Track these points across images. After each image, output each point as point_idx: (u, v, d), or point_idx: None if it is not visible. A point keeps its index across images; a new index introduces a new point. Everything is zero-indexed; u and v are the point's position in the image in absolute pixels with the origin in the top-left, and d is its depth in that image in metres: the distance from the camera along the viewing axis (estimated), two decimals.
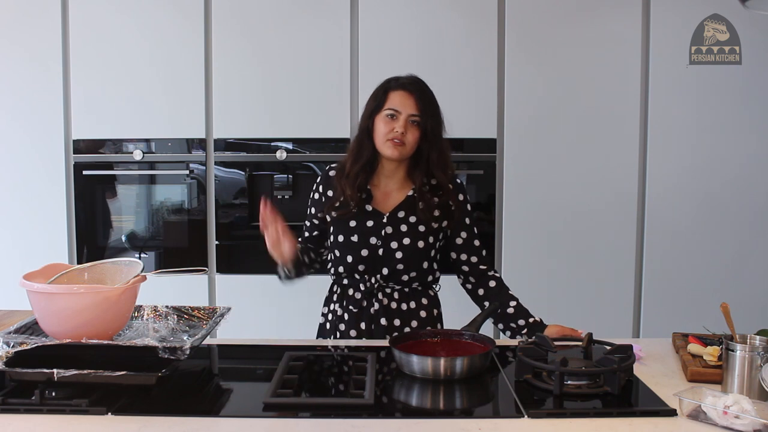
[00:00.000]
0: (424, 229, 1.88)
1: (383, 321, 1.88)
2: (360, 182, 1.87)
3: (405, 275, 1.88)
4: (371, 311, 1.89)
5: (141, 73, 2.93)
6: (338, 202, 1.89)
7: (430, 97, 1.86)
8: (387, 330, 1.88)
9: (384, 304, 1.89)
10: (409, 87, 1.84)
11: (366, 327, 1.89)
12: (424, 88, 1.87)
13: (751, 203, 2.96)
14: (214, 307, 1.78)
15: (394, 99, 1.84)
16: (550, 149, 2.95)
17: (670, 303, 2.97)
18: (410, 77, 1.89)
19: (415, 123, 1.83)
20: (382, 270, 1.88)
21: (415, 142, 1.84)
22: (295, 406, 1.37)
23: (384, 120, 1.83)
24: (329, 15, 2.92)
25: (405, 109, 1.82)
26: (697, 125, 2.94)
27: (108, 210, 3.04)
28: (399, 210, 1.89)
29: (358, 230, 1.87)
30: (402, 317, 1.90)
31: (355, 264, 1.88)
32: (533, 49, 2.93)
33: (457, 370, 1.50)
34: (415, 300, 1.91)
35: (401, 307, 1.90)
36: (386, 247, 1.86)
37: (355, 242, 1.87)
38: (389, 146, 1.83)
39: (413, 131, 1.83)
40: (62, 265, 1.65)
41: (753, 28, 2.89)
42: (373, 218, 1.88)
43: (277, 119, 2.95)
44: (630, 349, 1.50)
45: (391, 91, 1.85)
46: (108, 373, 1.36)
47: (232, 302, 1.92)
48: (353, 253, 1.87)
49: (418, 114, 1.83)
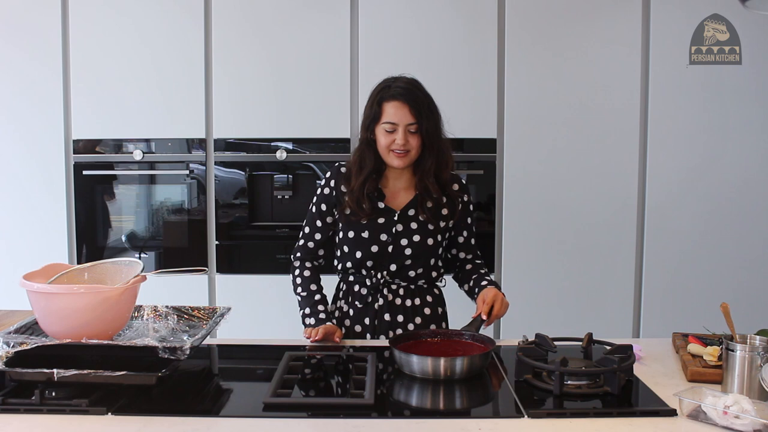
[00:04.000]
0: (432, 227, 1.90)
1: (387, 317, 1.90)
2: (368, 190, 1.88)
3: (412, 271, 1.90)
4: (376, 307, 1.91)
5: (141, 73, 2.93)
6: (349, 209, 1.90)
7: (423, 101, 1.85)
8: (390, 326, 1.90)
9: (389, 300, 1.91)
10: (401, 97, 1.83)
11: (370, 322, 1.91)
12: (416, 93, 1.85)
13: (751, 203, 2.96)
14: (214, 307, 1.79)
15: (389, 111, 1.83)
16: (550, 149, 2.95)
17: (670, 303, 2.97)
18: (402, 83, 1.86)
19: (415, 131, 1.84)
20: (390, 266, 1.89)
21: (418, 147, 1.86)
22: (295, 406, 1.37)
23: (383, 133, 1.85)
24: (329, 15, 2.92)
25: (402, 120, 1.82)
26: (697, 125, 2.94)
27: (108, 210, 3.04)
28: (410, 208, 1.91)
29: (370, 227, 1.89)
30: (406, 314, 1.91)
31: (364, 260, 1.89)
32: (533, 49, 2.93)
33: (457, 370, 1.50)
34: (420, 297, 1.93)
35: (405, 303, 1.92)
36: (396, 243, 1.88)
37: (365, 238, 1.88)
38: (393, 157, 1.85)
39: (414, 139, 1.84)
40: (62, 265, 1.65)
41: (753, 28, 2.89)
42: (385, 215, 1.89)
43: (277, 119, 2.95)
44: (630, 349, 1.50)
45: (385, 103, 1.84)
46: (108, 373, 1.36)
47: (232, 302, 1.92)
48: (363, 249, 1.88)
49: (415, 122, 1.83)
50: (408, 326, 1.90)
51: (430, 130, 1.84)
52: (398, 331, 1.89)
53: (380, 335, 1.90)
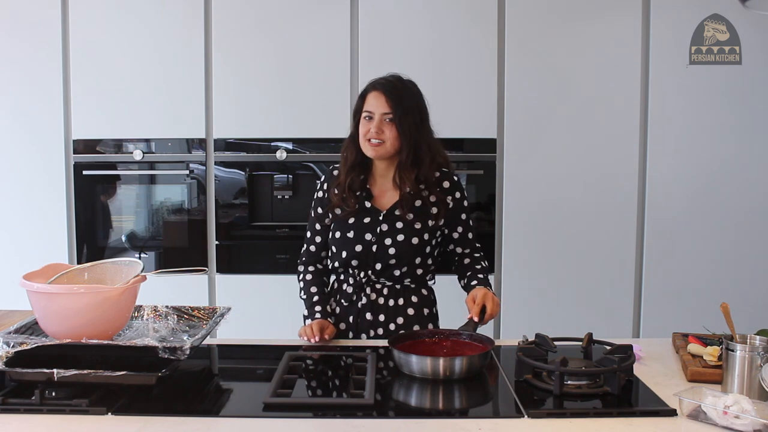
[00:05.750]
0: (419, 226, 1.90)
1: (369, 316, 1.91)
2: (351, 183, 1.90)
3: (397, 270, 1.90)
4: (359, 305, 1.92)
5: (141, 73, 2.93)
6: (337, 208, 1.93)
7: (401, 94, 1.87)
8: (372, 325, 1.91)
9: (371, 299, 1.91)
10: (380, 87, 1.87)
11: (353, 321, 1.92)
12: (398, 85, 1.88)
13: (751, 203, 2.96)
14: (214, 307, 1.79)
15: (369, 101, 1.88)
16: (550, 149, 2.95)
17: (670, 303, 2.97)
18: (386, 77, 1.91)
19: (391, 120, 1.85)
20: (374, 265, 1.90)
21: (395, 139, 1.86)
22: (295, 406, 1.37)
23: (362, 122, 1.89)
24: (329, 15, 2.92)
25: (377, 108, 1.86)
26: (697, 125, 2.94)
27: (108, 210, 3.04)
28: (396, 207, 1.91)
29: (355, 227, 1.91)
30: (387, 313, 1.92)
31: (349, 259, 1.91)
32: (533, 49, 2.93)
33: (456, 370, 1.50)
34: (405, 297, 1.93)
35: (388, 303, 1.92)
36: (380, 243, 1.89)
37: (350, 238, 1.90)
38: (367, 147, 1.88)
39: (390, 129, 1.85)
40: (62, 265, 1.65)
41: (753, 28, 2.89)
42: (371, 215, 1.91)
43: (277, 119, 2.95)
44: (630, 349, 1.50)
45: (368, 94, 1.90)
46: (108, 373, 1.36)
47: (232, 302, 1.93)
48: (347, 248, 1.90)
49: (390, 111, 1.85)
50: (389, 326, 1.90)
51: (406, 122, 1.85)
52: (379, 330, 1.90)
53: (361, 334, 1.91)
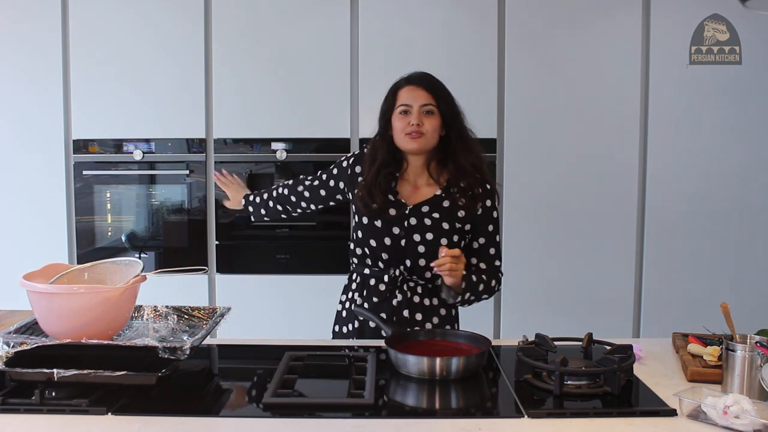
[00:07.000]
0: (448, 226, 1.86)
1: (406, 313, 1.87)
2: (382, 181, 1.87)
3: (428, 271, 1.87)
4: (393, 303, 1.88)
5: (141, 73, 2.93)
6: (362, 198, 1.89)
7: (439, 86, 1.89)
8: (409, 323, 1.87)
9: (407, 297, 1.88)
10: (416, 80, 1.88)
11: (387, 318, 1.86)
12: (432, 79, 1.90)
13: (751, 203, 2.96)
14: (214, 307, 1.78)
15: (404, 95, 1.87)
16: (550, 149, 2.95)
17: (670, 303, 2.97)
18: (414, 73, 1.91)
19: (430, 112, 1.85)
20: (405, 261, 1.87)
21: (434, 131, 1.85)
22: (295, 406, 1.37)
23: (399, 118, 1.86)
24: (329, 15, 2.92)
25: (416, 101, 1.85)
26: (697, 125, 2.94)
27: (108, 210, 3.04)
28: (424, 205, 1.88)
29: (382, 217, 1.87)
30: (424, 312, 1.89)
31: (379, 251, 1.87)
32: (533, 49, 2.93)
33: (453, 370, 1.50)
34: (438, 297, 1.90)
35: (424, 302, 1.89)
36: (409, 238, 1.86)
37: (378, 227, 1.87)
38: (407, 140, 1.84)
39: (430, 120, 1.85)
40: (62, 265, 1.65)
41: (753, 28, 2.89)
42: (396, 208, 1.87)
43: (276, 119, 2.95)
44: (630, 349, 1.50)
45: (400, 89, 1.88)
46: (108, 373, 1.36)
47: (232, 302, 1.92)
48: (377, 238, 1.87)
49: (431, 102, 1.85)
50: (426, 325, 1.88)
51: (448, 111, 1.86)
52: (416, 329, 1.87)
53: None
